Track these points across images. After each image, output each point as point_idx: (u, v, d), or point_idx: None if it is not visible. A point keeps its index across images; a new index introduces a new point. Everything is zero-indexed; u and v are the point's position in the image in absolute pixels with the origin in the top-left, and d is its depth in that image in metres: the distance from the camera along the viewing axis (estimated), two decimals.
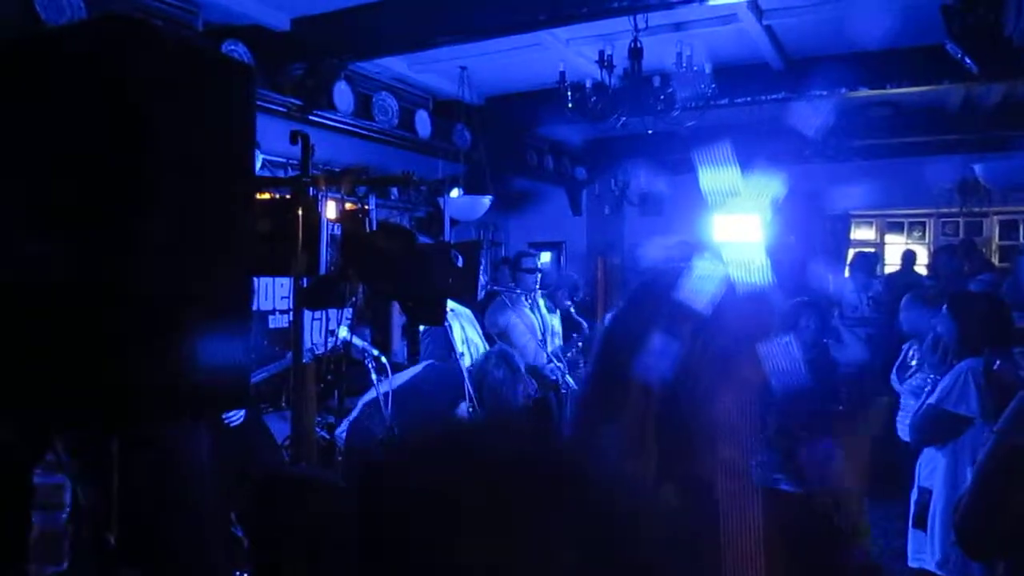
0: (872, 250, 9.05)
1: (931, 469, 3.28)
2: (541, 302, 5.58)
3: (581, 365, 5.78)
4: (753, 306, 1.21)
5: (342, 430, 3.51)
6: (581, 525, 0.54)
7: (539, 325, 5.40)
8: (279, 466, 2.78)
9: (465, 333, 4.62)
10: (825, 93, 6.01)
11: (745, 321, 1.17)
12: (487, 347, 4.80)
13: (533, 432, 0.62)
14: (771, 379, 1.18)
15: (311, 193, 2.27)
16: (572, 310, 5.81)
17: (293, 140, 2.22)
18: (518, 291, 5.36)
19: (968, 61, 4.54)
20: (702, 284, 1.21)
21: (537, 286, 5.52)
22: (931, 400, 3.15)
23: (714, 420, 1.10)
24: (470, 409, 4.35)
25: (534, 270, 5.48)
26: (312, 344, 3.28)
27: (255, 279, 2.47)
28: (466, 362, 4.44)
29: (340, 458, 3.51)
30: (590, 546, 0.54)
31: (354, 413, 3.58)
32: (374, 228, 2.44)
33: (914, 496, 3.39)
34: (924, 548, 3.26)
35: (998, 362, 2.97)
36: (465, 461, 0.57)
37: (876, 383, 4.63)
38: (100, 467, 1.76)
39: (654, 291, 1.22)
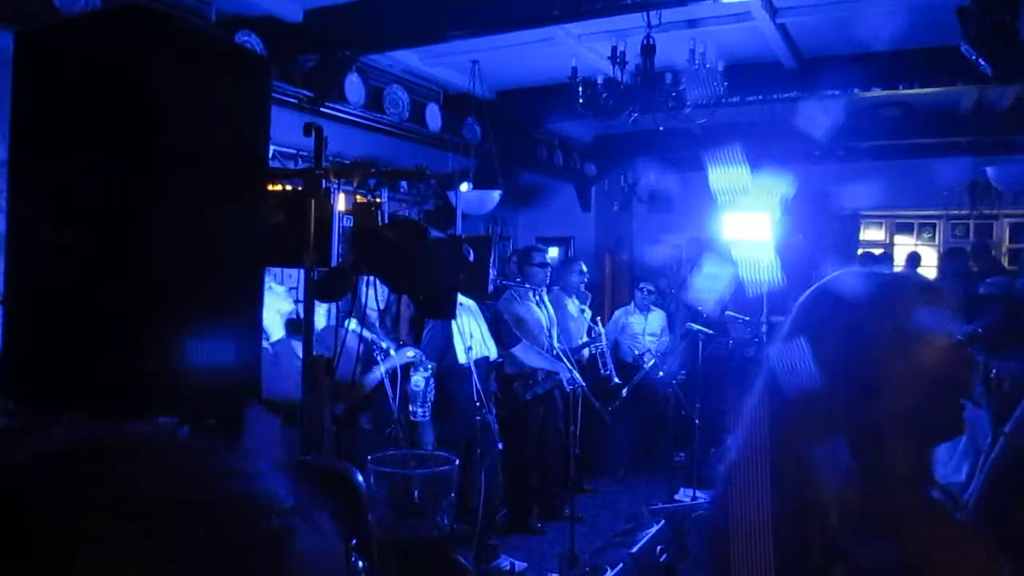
0: (881, 251, 9.03)
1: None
2: (547, 298, 5.57)
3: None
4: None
5: None
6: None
7: (545, 321, 5.40)
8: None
9: (470, 327, 4.61)
10: (837, 92, 5.99)
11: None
12: (491, 341, 4.80)
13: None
14: (783, 379, 1.18)
15: (323, 185, 2.27)
16: (586, 313, 5.81)
17: (307, 132, 2.22)
18: (526, 286, 5.35)
19: (983, 63, 4.52)
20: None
21: (547, 281, 5.51)
22: None
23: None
24: (477, 404, 4.36)
25: (544, 265, 5.47)
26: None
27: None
28: (471, 355, 4.44)
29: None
30: None
31: None
32: (386, 221, 2.45)
33: None
34: None
35: (995, 371, 2.96)
36: None
37: None
38: None
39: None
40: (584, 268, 6.19)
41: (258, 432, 3.25)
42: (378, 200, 2.52)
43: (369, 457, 2.42)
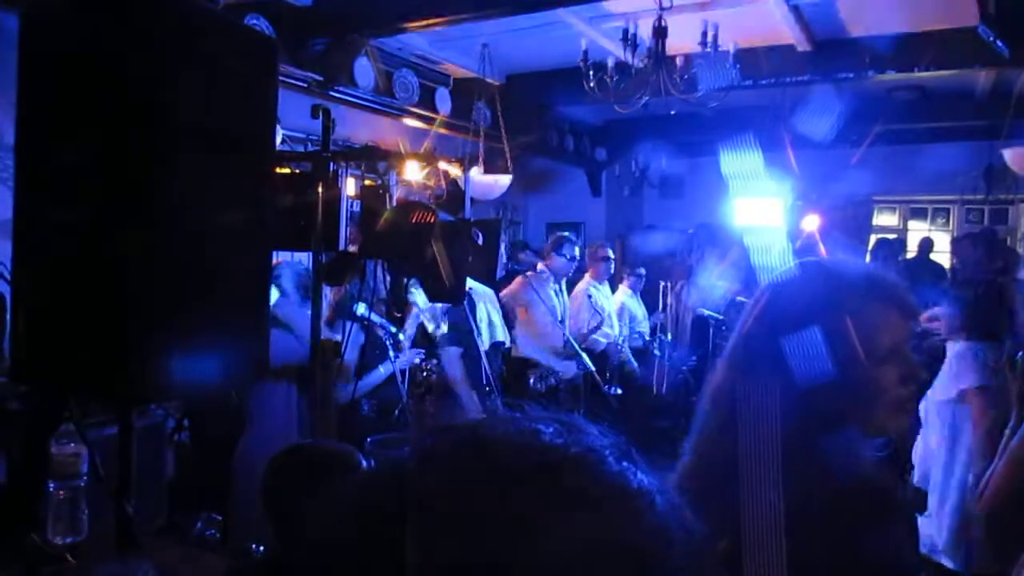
0: (894, 236, 8.95)
1: (919, 450, 3.23)
2: (564, 288, 5.56)
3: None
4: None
5: None
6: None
7: (560, 310, 5.39)
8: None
9: (488, 314, 4.59)
10: (852, 76, 5.92)
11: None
12: (505, 329, 4.78)
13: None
14: (796, 370, 1.17)
15: (331, 169, 2.26)
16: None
17: (314, 114, 2.21)
18: (546, 274, 5.33)
19: (1000, 44, 4.46)
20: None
21: (570, 273, 5.50)
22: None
23: None
24: (487, 389, 4.35)
25: (573, 259, 5.45)
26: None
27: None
28: (484, 342, 4.43)
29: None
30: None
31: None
32: (394, 205, 2.43)
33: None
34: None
35: (1021, 353, 2.92)
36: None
37: None
38: (120, 436, 1.77)
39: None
40: (611, 253, 6.14)
41: (269, 412, 3.26)
42: (387, 184, 2.51)
43: (368, 439, 2.42)
